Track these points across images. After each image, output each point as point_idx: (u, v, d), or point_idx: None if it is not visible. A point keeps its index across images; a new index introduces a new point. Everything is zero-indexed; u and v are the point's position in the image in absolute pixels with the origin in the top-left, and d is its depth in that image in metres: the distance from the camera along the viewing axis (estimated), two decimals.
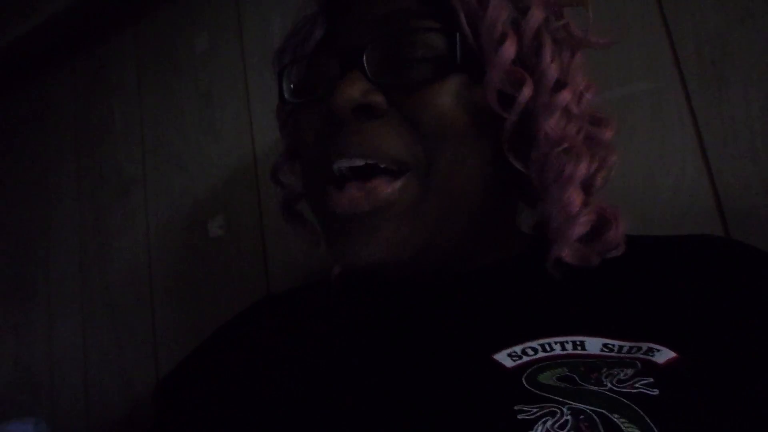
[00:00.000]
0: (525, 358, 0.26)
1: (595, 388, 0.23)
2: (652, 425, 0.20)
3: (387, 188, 0.31)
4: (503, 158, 0.32)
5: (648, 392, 0.22)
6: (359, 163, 0.31)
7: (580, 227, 0.31)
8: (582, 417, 0.21)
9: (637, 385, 0.23)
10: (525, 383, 0.24)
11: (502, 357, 0.27)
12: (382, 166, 0.31)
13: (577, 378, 0.24)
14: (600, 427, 0.21)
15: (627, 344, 0.26)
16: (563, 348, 0.26)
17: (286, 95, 0.36)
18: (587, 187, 0.32)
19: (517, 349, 0.27)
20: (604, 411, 0.21)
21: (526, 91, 0.30)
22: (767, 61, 0.43)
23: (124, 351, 0.76)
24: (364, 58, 0.31)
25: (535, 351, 0.26)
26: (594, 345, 0.26)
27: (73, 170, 0.89)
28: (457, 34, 0.31)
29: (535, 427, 0.21)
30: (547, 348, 0.26)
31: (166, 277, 0.75)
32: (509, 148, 0.32)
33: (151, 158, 0.80)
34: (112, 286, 0.80)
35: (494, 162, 0.32)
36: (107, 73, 0.87)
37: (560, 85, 0.31)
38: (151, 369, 0.73)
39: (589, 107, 0.33)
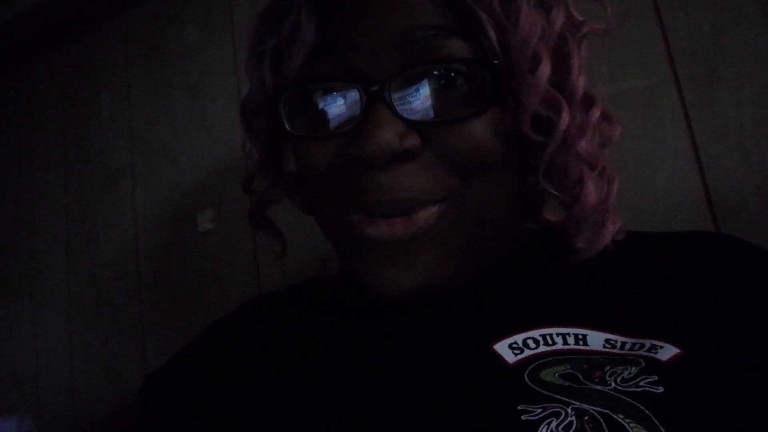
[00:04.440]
0: (527, 352, 0.26)
1: (600, 388, 0.23)
2: (658, 424, 0.20)
3: (425, 214, 0.28)
4: (524, 174, 0.32)
5: (653, 390, 0.22)
6: (392, 212, 0.29)
7: (609, 235, 0.31)
8: (587, 418, 0.21)
9: (641, 384, 0.23)
10: (527, 380, 0.24)
11: (503, 349, 0.26)
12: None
13: (580, 376, 0.24)
14: (605, 427, 0.20)
15: (629, 341, 0.26)
16: (565, 341, 0.26)
17: (288, 126, 0.31)
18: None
19: (518, 339, 0.27)
20: (608, 411, 0.21)
21: (565, 116, 0.29)
22: (758, 61, 0.44)
23: (111, 346, 0.75)
24: (391, 94, 0.27)
25: (537, 343, 0.26)
26: (596, 340, 0.26)
27: (59, 162, 0.87)
28: (496, 64, 0.28)
29: (540, 429, 0.21)
30: (549, 341, 0.26)
31: (155, 271, 0.74)
32: (544, 173, 0.30)
33: (139, 150, 0.78)
34: (99, 280, 0.78)
35: (518, 180, 0.32)
36: (95, 62, 0.85)
37: (589, 99, 0.31)
38: (139, 364, 0.72)
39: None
